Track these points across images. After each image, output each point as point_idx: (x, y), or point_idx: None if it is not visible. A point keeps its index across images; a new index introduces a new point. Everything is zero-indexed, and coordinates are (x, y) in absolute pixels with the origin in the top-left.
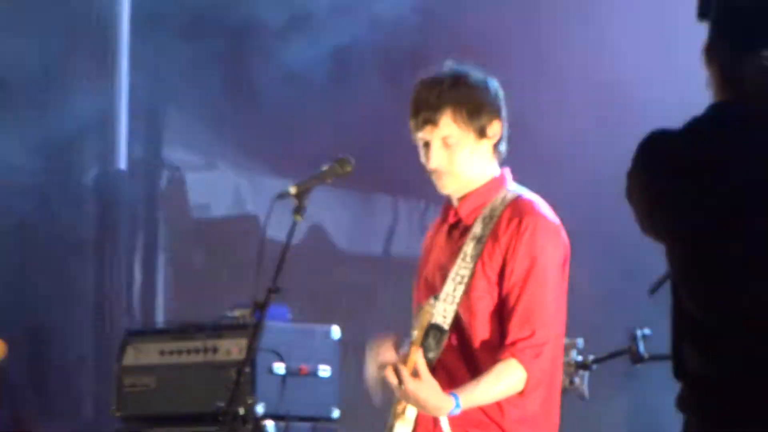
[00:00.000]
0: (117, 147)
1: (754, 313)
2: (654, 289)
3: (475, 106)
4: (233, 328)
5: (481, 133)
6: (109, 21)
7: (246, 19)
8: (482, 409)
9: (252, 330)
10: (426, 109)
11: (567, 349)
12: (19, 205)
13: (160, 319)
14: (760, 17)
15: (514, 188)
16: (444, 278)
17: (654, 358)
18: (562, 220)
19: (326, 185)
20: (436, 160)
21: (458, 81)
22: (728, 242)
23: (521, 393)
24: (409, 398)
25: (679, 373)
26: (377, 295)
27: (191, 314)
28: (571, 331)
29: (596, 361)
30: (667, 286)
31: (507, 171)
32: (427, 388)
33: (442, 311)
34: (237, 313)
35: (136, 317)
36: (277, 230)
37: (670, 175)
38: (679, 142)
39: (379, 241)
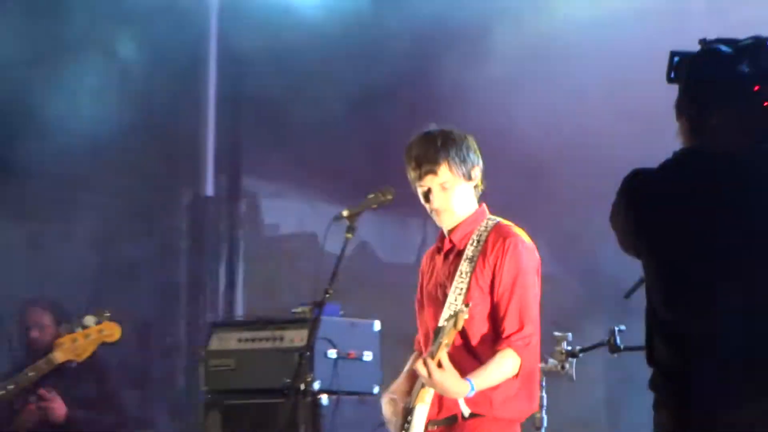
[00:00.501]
0: (206, 177)
1: (706, 314)
2: (628, 294)
3: (462, 158)
4: (296, 322)
5: (468, 177)
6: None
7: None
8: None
9: (311, 323)
10: (426, 163)
11: (559, 341)
12: (128, 223)
13: (239, 313)
14: (719, 87)
15: (492, 217)
16: (444, 292)
17: (627, 349)
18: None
19: (371, 210)
20: (437, 202)
21: (447, 138)
22: (693, 259)
23: (516, 375)
24: (435, 385)
25: (650, 360)
26: (409, 295)
27: (263, 310)
28: (562, 326)
29: (582, 350)
30: (639, 291)
31: (484, 205)
32: (450, 377)
33: (451, 312)
34: (299, 309)
35: (220, 312)
36: (332, 245)
37: (647, 204)
38: (654, 178)
39: (413, 253)
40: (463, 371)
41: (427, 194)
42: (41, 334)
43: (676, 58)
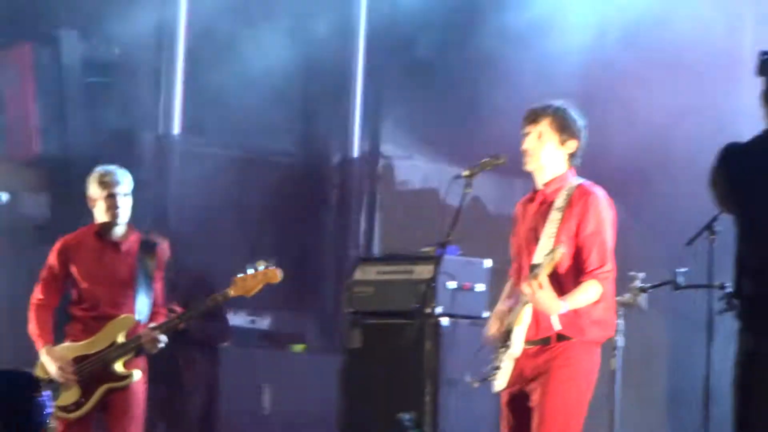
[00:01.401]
0: (352, 142)
1: None
2: (689, 242)
3: (563, 124)
4: (424, 259)
5: (562, 142)
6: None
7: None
8: (565, 315)
9: (436, 260)
10: (533, 114)
11: (632, 279)
12: (290, 176)
13: (376, 251)
14: None
15: (578, 178)
16: (536, 235)
17: (688, 287)
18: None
19: (485, 171)
20: (529, 143)
21: (560, 109)
22: None
23: (596, 302)
24: (537, 301)
25: (738, 295)
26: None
27: (397, 248)
28: (636, 266)
29: (651, 287)
30: (698, 239)
31: (572, 170)
32: (549, 295)
33: (541, 256)
34: (426, 249)
35: (361, 250)
36: (451, 199)
37: (741, 171)
38: (746, 150)
39: (513, 206)
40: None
41: (525, 137)
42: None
43: (765, 57)
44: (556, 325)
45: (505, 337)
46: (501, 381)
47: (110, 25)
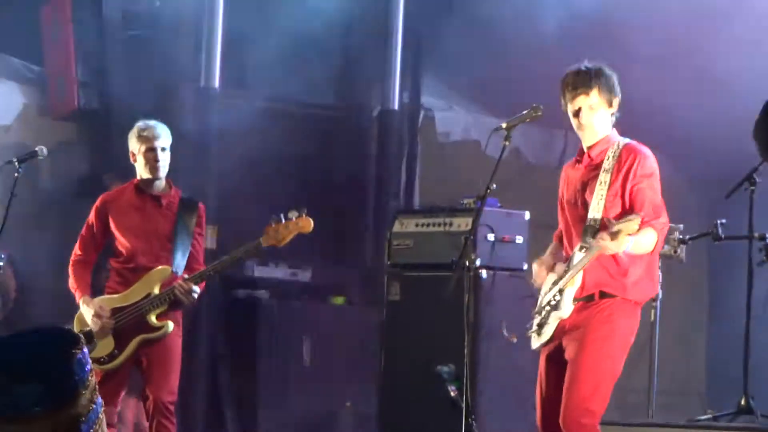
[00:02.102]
0: (392, 94)
1: None
2: (729, 194)
3: (609, 87)
4: (463, 211)
5: (610, 104)
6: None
7: None
8: (610, 274)
9: (475, 212)
10: (582, 86)
11: (672, 230)
12: (330, 128)
13: (416, 203)
14: None
15: (623, 138)
16: (583, 198)
17: (728, 238)
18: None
19: (524, 123)
20: (585, 118)
21: (600, 71)
22: None
23: (651, 252)
24: (612, 246)
25: None
26: (552, 192)
27: (437, 200)
28: (676, 218)
29: (691, 239)
30: (737, 192)
31: (615, 129)
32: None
33: (594, 215)
34: (466, 201)
35: (402, 202)
36: (492, 150)
37: None
38: None
39: (555, 158)
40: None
41: (577, 112)
42: None
43: None
44: (623, 257)
45: (554, 296)
46: (544, 338)
47: None
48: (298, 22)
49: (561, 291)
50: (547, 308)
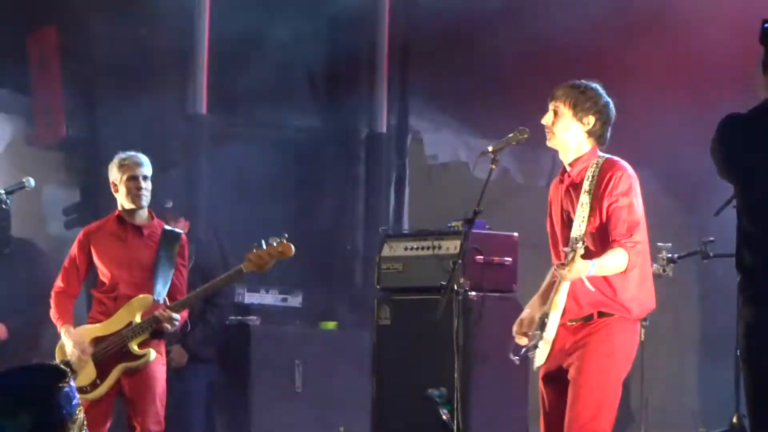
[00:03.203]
0: (380, 117)
1: None
2: (718, 212)
3: (581, 102)
4: (452, 234)
5: (579, 119)
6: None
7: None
8: (604, 294)
9: (463, 235)
10: (554, 89)
11: (660, 249)
12: (318, 151)
13: (405, 227)
14: None
15: (602, 155)
16: (570, 217)
17: (717, 256)
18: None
19: (510, 146)
20: (546, 118)
21: (581, 86)
22: None
23: (624, 271)
24: (570, 274)
25: (739, 267)
26: (542, 212)
27: (425, 224)
28: (664, 238)
29: (680, 257)
30: (726, 210)
31: (597, 148)
32: (577, 264)
33: (576, 235)
34: (454, 224)
35: (390, 225)
36: (480, 172)
37: (739, 142)
38: (745, 122)
39: (544, 178)
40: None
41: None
42: None
43: (766, 25)
44: (588, 286)
45: (543, 320)
46: (538, 361)
47: (137, 6)
48: (284, 47)
49: (547, 315)
50: (537, 332)
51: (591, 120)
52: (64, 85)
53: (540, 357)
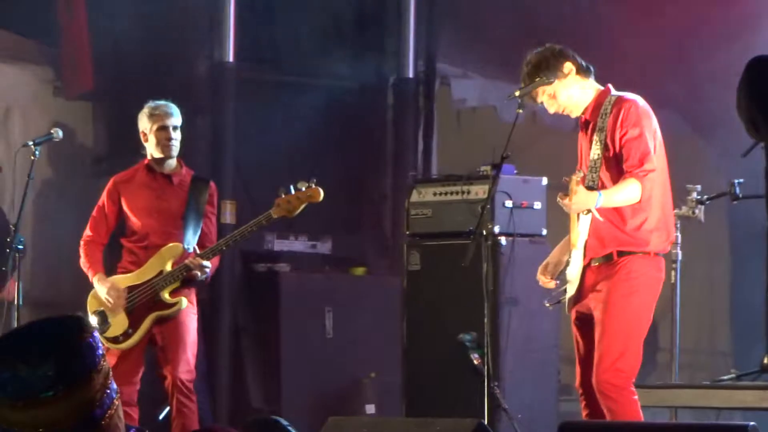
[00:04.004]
0: (407, 62)
1: None
2: (746, 153)
3: (548, 73)
4: (481, 178)
5: (561, 77)
6: None
7: None
8: (620, 229)
9: (492, 179)
10: (529, 91)
11: (689, 191)
12: (346, 98)
13: (434, 172)
14: None
15: (615, 93)
16: (587, 153)
17: (745, 197)
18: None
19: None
20: (552, 108)
21: (531, 64)
22: None
23: (639, 201)
24: (573, 205)
25: None
26: (571, 154)
27: (453, 169)
28: (693, 180)
29: (709, 199)
30: (755, 150)
31: (609, 85)
32: (580, 193)
33: (591, 176)
34: (483, 168)
35: (419, 171)
36: (507, 116)
37: (766, 85)
38: None
39: (571, 120)
40: (607, 214)
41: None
42: None
43: None
44: (596, 215)
45: (568, 262)
46: (567, 302)
47: None
48: None
49: (569, 254)
50: (565, 272)
51: (567, 66)
52: (91, 35)
53: (569, 294)
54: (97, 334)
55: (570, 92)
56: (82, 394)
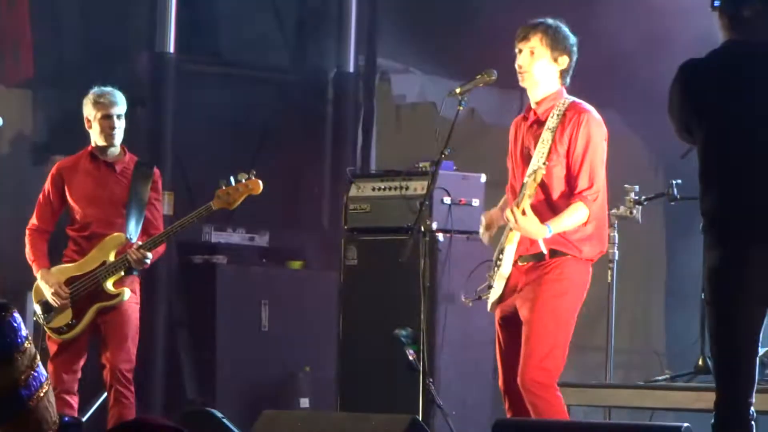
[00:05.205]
0: (348, 56)
1: (740, 173)
2: (685, 154)
3: (554, 39)
4: (419, 174)
5: (555, 60)
6: None
7: None
8: (558, 234)
9: (431, 176)
10: (523, 30)
11: (628, 191)
12: (286, 91)
13: (372, 167)
14: None
15: (569, 97)
16: (529, 154)
17: (683, 198)
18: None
19: (478, 87)
20: (522, 60)
21: (549, 23)
22: (730, 130)
23: (584, 223)
24: (519, 228)
25: (701, 210)
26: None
27: (392, 165)
28: (631, 180)
29: (646, 199)
30: (693, 152)
31: (564, 88)
32: (531, 221)
33: (529, 174)
34: (421, 165)
35: (358, 166)
36: (447, 111)
37: (700, 85)
38: (704, 66)
39: (511, 118)
40: (544, 221)
41: (518, 55)
42: None
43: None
44: (543, 249)
45: (498, 256)
46: (492, 298)
47: None
48: None
49: (502, 250)
50: (495, 269)
51: (565, 60)
52: (31, 23)
53: (494, 296)
54: (17, 314)
55: (546, 75)
56: (3, 372)
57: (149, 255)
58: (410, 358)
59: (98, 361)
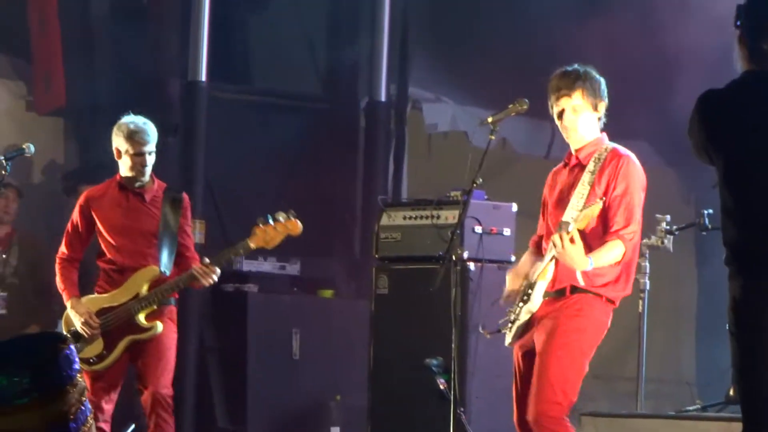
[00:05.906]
0: (380, 85)
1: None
2: (716, 185)
3: (594, 90)
4: (451, 203)
5: (595, 108)
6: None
7: None
8: (584, 271)
9: (462, 205)
10: (565, 88)
11: (659, 221)
12: (318, 120)
13: (404, 196)
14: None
15: (611, 143)
16: (567, 197)
17: (714, 228)
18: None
19: (510, 116)
20: (567, 120)
21: (586, 73)
22: (752, 161)
23: (618, 262)
24: (565, 254)
25: (724, 241)
26: (540, 182)
27: (424, 194)
28: (663, 210)
29: (678, 229)
30: None
31: (605, 134)
32: (578, 250)
33: (571, 214)
34: (453, 194)
35: (389, 194)
36: (478, 141)
37: (718, 117)
38: (724, 96)
39: (542, 148)
40: None
41: (561, 114)
42: None
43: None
44: (581, 281)
45: (526, 290)
46: (513, 333)
47: None
48: (285, 14)
49: (532, 285)
50: (521, 304)
51: (602, 106)
52: (64, 51)
53: (516, 329)
54: (73, 347)
55: (588, 126)
56: (56, 404)
57: (218, 271)
58: (441, 387)
59: (137, 387)
